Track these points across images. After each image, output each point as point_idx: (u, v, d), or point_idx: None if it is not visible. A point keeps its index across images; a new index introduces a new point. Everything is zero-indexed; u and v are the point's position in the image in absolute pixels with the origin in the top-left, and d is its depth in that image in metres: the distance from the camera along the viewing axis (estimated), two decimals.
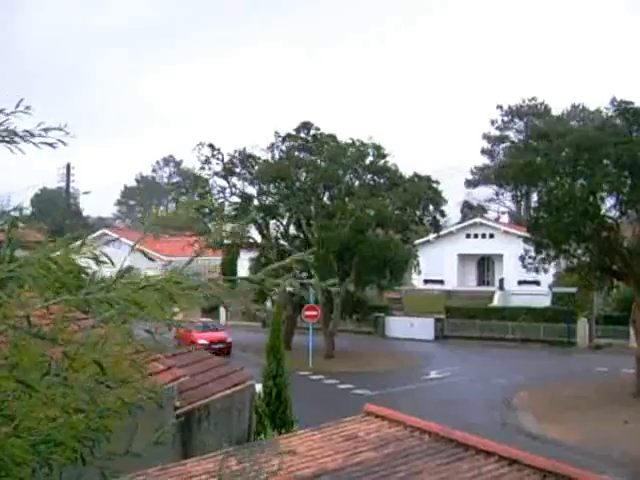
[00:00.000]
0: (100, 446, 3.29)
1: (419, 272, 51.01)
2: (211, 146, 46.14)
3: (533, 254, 37.19)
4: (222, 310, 60.01)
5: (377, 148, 45.37)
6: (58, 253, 3.16)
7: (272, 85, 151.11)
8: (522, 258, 38.22)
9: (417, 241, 54.09)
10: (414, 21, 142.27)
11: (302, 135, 46.46)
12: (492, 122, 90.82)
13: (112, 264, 3.43)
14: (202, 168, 46.73)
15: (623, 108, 33.65)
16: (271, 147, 46.55)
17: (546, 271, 38.89)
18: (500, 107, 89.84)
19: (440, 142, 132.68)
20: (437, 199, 45.45)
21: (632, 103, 33.60)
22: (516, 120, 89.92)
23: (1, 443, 2.92)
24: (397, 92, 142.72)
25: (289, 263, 3.87)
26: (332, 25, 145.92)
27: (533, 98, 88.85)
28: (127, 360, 3.48)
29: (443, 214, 48.14)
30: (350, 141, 45.75)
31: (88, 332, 3.31)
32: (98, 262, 3.34)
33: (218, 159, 46.17)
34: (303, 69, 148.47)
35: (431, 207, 45.86)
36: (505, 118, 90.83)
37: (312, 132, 46.49)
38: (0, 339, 3.05)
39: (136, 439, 3.51)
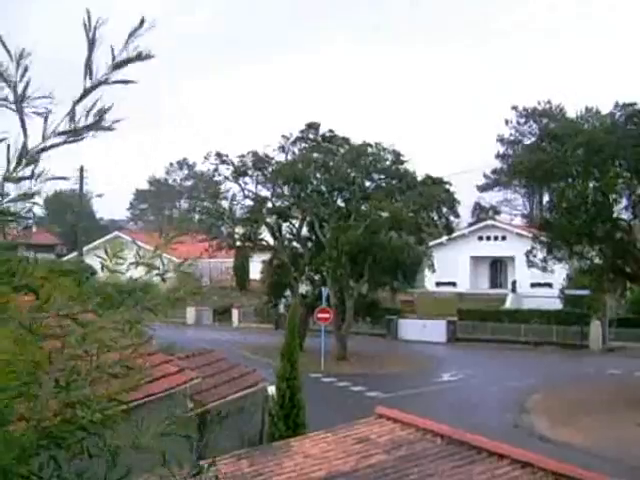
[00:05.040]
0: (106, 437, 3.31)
1: (434, 271, 50.85)
2: (219, 155, 46.32)
3: (538, 253, 37.21)
4: (234, 312, 60.09)
5: (396, 154, 45.32)
6: None
7: (287, 89, 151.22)
8: (528, 253, 38.16)
9: (430, 243, 54.04)
10: (428, 25, 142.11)
11: (310, 136, 46.48)
12: (506, 122, 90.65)
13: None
14: (213, 176, 47.08)
15: (630, 112, 33.62)
16: (282, 149, 46.62)
17: (552, 271, 38.86)
18: (515, 108, 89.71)
19: (454, 145, 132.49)
20: (450, 201, 45.39)
21: (635, 104, 33.59)
22: (531, 122, 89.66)
23: (10, 438, 2.94)
24: (411, 94, 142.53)
25: None
26: (341, 27, 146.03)
27: (548, 101, 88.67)
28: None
29: (457, 215, 48.05)
30: (367, 144, 45.72)
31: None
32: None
33: (228, 164, 46.32)
34: (313, 71, 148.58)
35: (444, 209, 45.82)
36: (520, 120, 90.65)
37: (321, 132, 46.52)
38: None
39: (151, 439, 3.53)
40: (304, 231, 47.43)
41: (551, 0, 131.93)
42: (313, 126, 46.53)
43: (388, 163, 45.60)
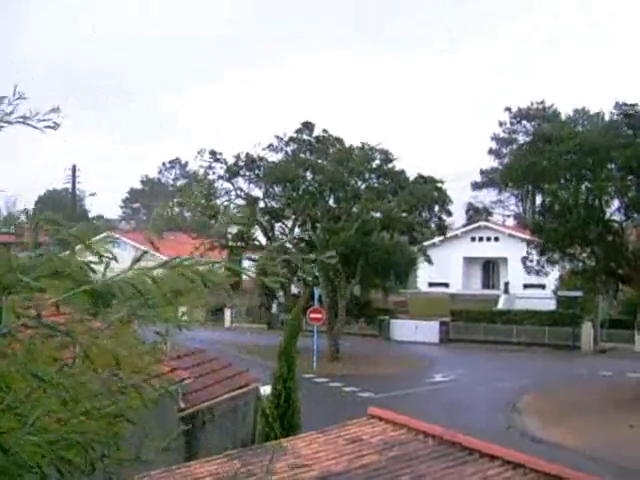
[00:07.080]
0: (110, 450, 3.25)
1: (431, 263, 50.81)
2: (212, 153, 46.22)
3: (535, 257, 37.26)
4: (227, 312, 60.03)
5: (385, 153, 45.30)
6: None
7: (276, 87, 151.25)
8: (524, 260, 38.24)
9: (423, 244, 54.07)
10: (422, 26, 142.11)
11: (305, 137, 46.36)
12: (500, 123, 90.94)
13: (116, 261, 3.38)
14: (206, 174, 46.98)
15: (627, 112, 33.65)
16: (276, 149, 46.50)
17: (547, 274, 38.95)
18: (509, 109, 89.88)
19: (447, 145, 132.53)
20: (442, 198, 45.33)
21: (636, 105, 33.57)
22: (524, 123, 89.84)
23: (16, 441, 2.88)
24: (403, 94, 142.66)
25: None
26: (336, 28, 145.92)
27: (541, 101, 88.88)
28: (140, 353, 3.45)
29: (449, 213, 47.95)
30: (357, 144, 45.71)
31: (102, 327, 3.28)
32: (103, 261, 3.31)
33: (221, 162, 46.23)
34: (308, 70, 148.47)
35: (437, 207, 45.78)
36: (513, 121, 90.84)
37: (315, 133, 46.38)
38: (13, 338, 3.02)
39: (142, 443, 3.48)
40: (297, 231, 47.36)
41: (554, 9, 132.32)
42: (308, 126, 46.45)
43: (378, 162, 45.57)
